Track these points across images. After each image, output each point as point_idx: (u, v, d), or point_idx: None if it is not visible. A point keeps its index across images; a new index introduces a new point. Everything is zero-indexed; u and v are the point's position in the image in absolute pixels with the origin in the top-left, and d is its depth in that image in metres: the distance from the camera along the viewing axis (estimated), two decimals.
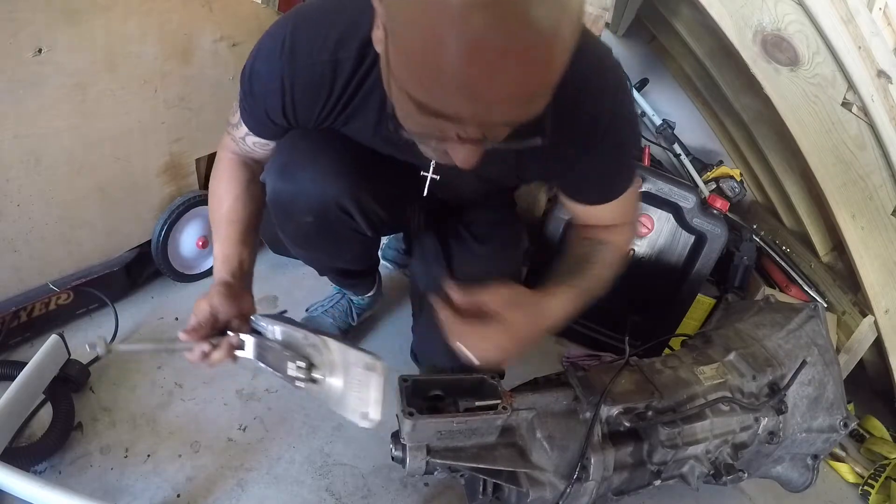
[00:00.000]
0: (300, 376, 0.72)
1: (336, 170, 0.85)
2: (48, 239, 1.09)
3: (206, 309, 0.75)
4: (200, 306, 0.75)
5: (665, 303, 1.46)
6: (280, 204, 0.89)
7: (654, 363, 1.00)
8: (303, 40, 0.72)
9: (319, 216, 0.89)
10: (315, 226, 0.91)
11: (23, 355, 1.07)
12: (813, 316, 1.07)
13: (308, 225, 0.91)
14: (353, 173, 0.86)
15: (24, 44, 0.92)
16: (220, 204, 0.88)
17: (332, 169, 0.85)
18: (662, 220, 1.43)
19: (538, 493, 0.83)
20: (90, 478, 0.93)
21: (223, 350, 0.74)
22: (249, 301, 0.82)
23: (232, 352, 0.75)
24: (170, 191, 1.28)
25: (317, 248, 1.01)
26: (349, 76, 0.72)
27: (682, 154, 1.96)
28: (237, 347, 0.76)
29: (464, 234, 1.08)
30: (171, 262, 1.30)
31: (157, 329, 1.22)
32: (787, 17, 1.17)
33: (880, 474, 1.26)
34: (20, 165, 0.99)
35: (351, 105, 0.76)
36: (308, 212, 0.89)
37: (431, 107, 0.52)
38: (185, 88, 1.20)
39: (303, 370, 0.72)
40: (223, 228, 0.86)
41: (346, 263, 1.10)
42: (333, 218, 0.90)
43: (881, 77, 1.16)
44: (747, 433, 0.96)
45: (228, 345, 0.74)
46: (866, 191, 1.29)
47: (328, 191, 0.86)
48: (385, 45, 0.55)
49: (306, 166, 0.85)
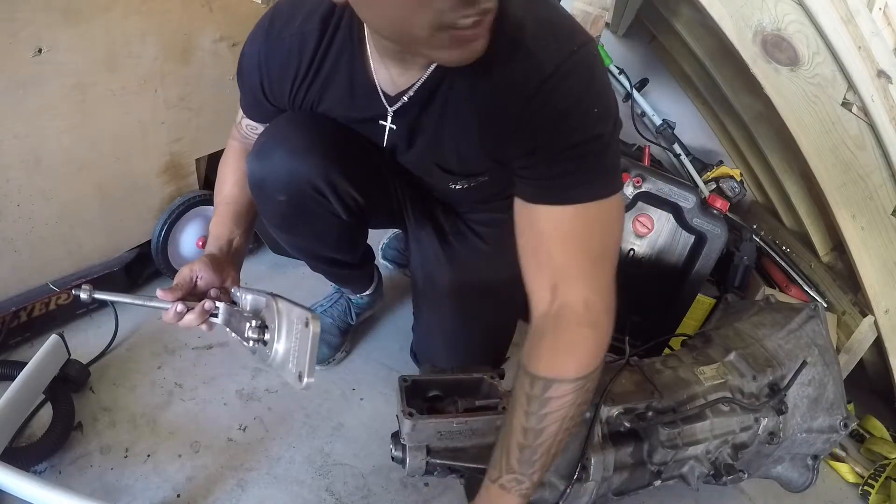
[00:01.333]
0: (252, 336, 0.73)
1: (307, 148, 0.87)
2: (48, 239, 1.09)
3: (186, 274, 0.79)
4: (182, 271, 0.80)
5: (665, 303, 1.46)
6: (255, 183, 0.92)
7: (654, 363, 1.00)
8: (278, 18, 0.80)
9: (292, 195, 0.91)
10: (289, 206, 0.92)
11: (23, 355, 1.07)
12: (813, 316, 1.07)
13: (282, 204, 0.92)
14: (325, 153, 0.88)
15: (24, 44, 0.92)
16: (221, 187, 0.96)
17: (303, 147, 0.87)
18: (662, 220, 1.43)
19: (538, 493, 0.83)
20: (90, 478, 0.93)
21: (196, 314, 0.76)
22: (233, 275, 0.85)
23: (205, 316, 0.77)
24: (170, 191, 1.28)
25: (295, 232, 1.03)
26: (314, 47, 0.77)
27: (682, 154, 1.96)
28: (211, 314, 0.78)
29: (464, 230, 1.08)
30: (171, 262, 1.30)
31: (157, 329, 1.22)
32: (787, 17, 1.17)
33: (880, 474, 1.26)
34: (20, 165, 0.99)
35: (319, 76, 0.81)
36: (280, 190, 0.91)
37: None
38: (185, 88, 1.20)
39: (254, 329, 0.73)
40: (220, 208, 0.93)
41: (330, 250, 1.08)
42: (306, 197, 0.91)
43: (881, 77, 1.16)
44: (747, 433, 0.96)
45: (202, 309, 0.76)
46: (866, 191, 1.29)
47: (299, 169, 0.88)
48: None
49: (279, 146, 0.88)
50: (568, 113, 0.67)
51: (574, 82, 0.66)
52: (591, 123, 0.67)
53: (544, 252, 0.70)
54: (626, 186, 1.39)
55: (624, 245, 1.44)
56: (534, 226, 0.71)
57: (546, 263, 0.70)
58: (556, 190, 0.68)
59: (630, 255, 1.45)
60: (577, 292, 0.69)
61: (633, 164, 1.42)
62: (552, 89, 0.66)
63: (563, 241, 0.69)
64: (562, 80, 0.66)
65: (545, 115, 0.67)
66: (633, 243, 1.44)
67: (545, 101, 0.67)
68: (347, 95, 0.81)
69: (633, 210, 1.42)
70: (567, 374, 0.68)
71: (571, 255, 0.69)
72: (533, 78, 0.66)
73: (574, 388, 0.68)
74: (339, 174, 0.89)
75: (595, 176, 0.68)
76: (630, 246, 1.44)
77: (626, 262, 1.45)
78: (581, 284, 0.69)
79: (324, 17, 0.76)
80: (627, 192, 1.40)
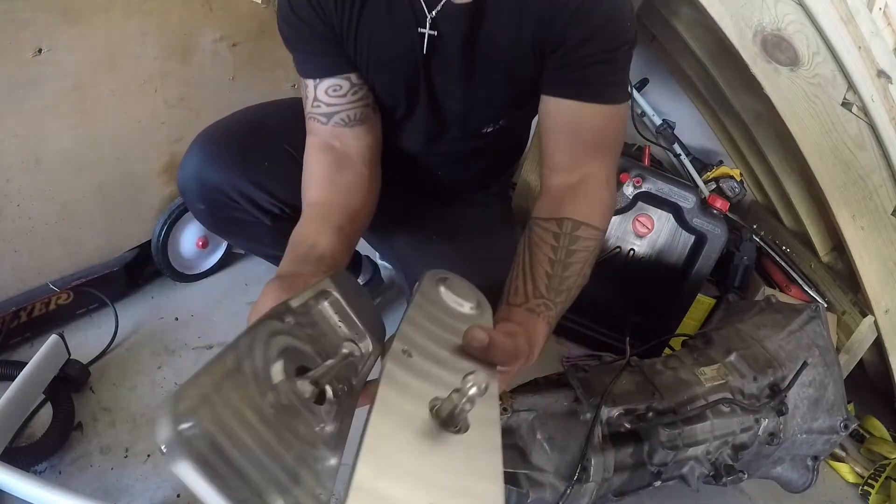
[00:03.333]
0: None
1: (218, 154, 0.88)
2: (48, 239, 1.09)
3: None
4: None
5: (665, 303, 1.46)
6: (180, 191, 0.94)
7: (655, 364, 1.00)
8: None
9: (209, 204, 0.92)
10: (211, 214, 0.94)
11: (23, 355, 1.07)
12: (814, 317, 1.07)
13: (203, 212, 0.94)
14: (234, 161, 0.88)
15: (24, 44, 0.92)
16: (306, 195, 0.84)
17: (214, 157, 0.88)
18: (662, 220, 1.43)
19: (538, 494, 0.83)
20: (90, 478, 0.93)
21: None
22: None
23: None
24: (170, 191, 1.28)
25: (231, 235, 1.04)
26: None
27: (682, 154, 1.96)
28: None
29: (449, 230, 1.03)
30: (171, 262, 1.30)
31: (157, 329, 1.22)
32: (787, 17, 1.17)
33: (880, 474, 1.26)
34: (20, 165, 0.99)
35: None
36: (199, 199, 0.92)
37: None
38: (185, 88, 1.20)
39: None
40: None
41: (275, 251, 1.00)
42: (223, 206, 0.92)
43: (881, 77, 1.16)
44: (748, 434, 0.96)
45: None
46: (866, 191, 1.29)
47: (211, 179, 0.89)
48: None
49: (195, 153, 0.88)
50: (612, 19, 0.75)
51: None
52: (626, 31, 0.77)
53: (574, 139, 0.81)
54: (626, 186, 1.39)
55: (624, 245, 1.44)
56: (565, 118, 0.81)
57: (573, 147, 0.81)
58: (593, 87, 0.78)
59: (630, 255, 1.45)
60: (600, 169, 0.81)
61: (633, 164, 1.42)
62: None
63: (592, 132, 0.80)
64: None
65: (597, 14, 0.74)
66: (633, 243, 1.44)
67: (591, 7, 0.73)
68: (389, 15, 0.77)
69: (633, 210, 1.42)
70: (594, 221, 0.77)
71: (596, 143, 0.81)
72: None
73: (596, 236, 0.76)
74: (247, 181, 0.89)
75: (622, 79, 0.80)
76: (630, 246, 1.44)
77: (626, 262, 1.45)
78: (602, 164, 0.81)
79: None
80: (627, 193, 1.40)
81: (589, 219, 0.76)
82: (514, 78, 0.83)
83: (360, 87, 0.84)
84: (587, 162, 0.81)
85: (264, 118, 0.98)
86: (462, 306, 0.60)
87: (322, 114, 0.83)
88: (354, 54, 0.81)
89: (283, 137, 0.92)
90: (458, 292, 0.61)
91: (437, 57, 0.80)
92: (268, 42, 1.32)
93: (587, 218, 0.76)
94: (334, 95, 0.83)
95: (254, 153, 0.90)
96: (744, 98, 1.67)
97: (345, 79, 0.83)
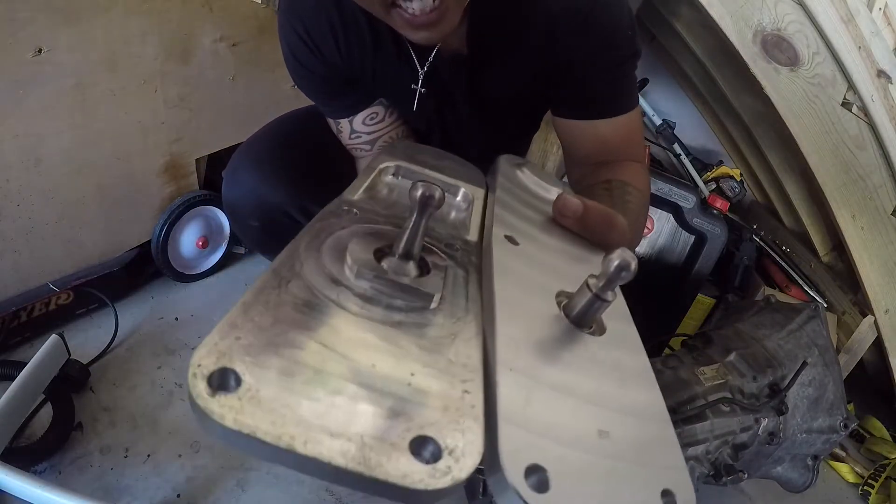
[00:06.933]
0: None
1: (277, 174, 0.85)
2: (48, 239, 1.09)
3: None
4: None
5: (665, 303, 1.46)
6: (228, 208, 0.91)
7: (655, 363, 1.00)
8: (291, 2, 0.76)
9: (265, 223, 0.89)
10: (263, 231, 0.91)
11: (23, 355, 1.07)
12: (814, 316, 1.07)
13: (257, 229, 0.91)
14: (297, 180, 0.85)
15: (24, 44, 0.92)
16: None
17: (274, 174, 0.85)
18: (662, 220, 1.43)
19: None
20: (90, 478, 0.93)
21: None
22: None
23: None
24: (170, 191, 1.28)
25: (275, 251, 1.02)
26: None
27: (682, 154, 1.96)
28: None
29: None
30: (171, 262, 1.30)
31: (157, 329, 1.22)
32: (787, 17, 1.17)
33: (880, 474, 1.26)
34: (20, 165, 0.99)
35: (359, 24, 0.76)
36: (253, 217, 0.89)
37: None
38: (185, 88, 1.20)
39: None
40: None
41: None
42: (279, 224, 0.89)
43: (881, 77, 1.16)
44: (747, 434, 0.96)
45: None
46: (866, 191, 1.29)
47: (271, 198, 0.86)
48: None
49: (250, 172, 0.85)
50: (615, 30, 0.76)
51: (615, 6, 0.76)
52: (631, 40, 0.78)
53: (599, 151, 0.82)
54: None
55: None
56: (589, 136, 0.82)
57: (599, 157, 0.83)
58: (606, 104, 0.80)
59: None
60: (631, 158, 0.83)
61: None
62: (600, 12, 0.74)
63: (615, 140, 0.82)
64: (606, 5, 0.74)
65: (597, 30, 0.75)
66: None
67: (597, 19, 0.74)
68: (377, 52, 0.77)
69: None
70: (639, 185, 0.76)
71: (621, 147, 0.83)
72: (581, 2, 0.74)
73: (644, 197, 0.76)
74: (311, 200, 0.86)
75: (633, 87, 0.82)
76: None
77: None
78: (632, 155, 0.84)
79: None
80: None
81: (633, 182, 0.75)
82: (523, 112, 0.86)
83: (394, 109, 0.85)
84: (617, 158, 0.83)
85: (310, 131, 0.92)
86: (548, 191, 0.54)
87: (364, 143, 0.85)
88: (374, 88, 0.82)
89: (337, 152, 0.90)
90: (539, 175, 0.56)
91: (444, 102, 0.82)
92: (268, 42, 1.32)
93: (632, 181, 0.75)
94: (372, 123, 0.85)
95: (313, 169, 0.88)
96: (744, 98, 1.67)
97: (377, 105, 0.84)
